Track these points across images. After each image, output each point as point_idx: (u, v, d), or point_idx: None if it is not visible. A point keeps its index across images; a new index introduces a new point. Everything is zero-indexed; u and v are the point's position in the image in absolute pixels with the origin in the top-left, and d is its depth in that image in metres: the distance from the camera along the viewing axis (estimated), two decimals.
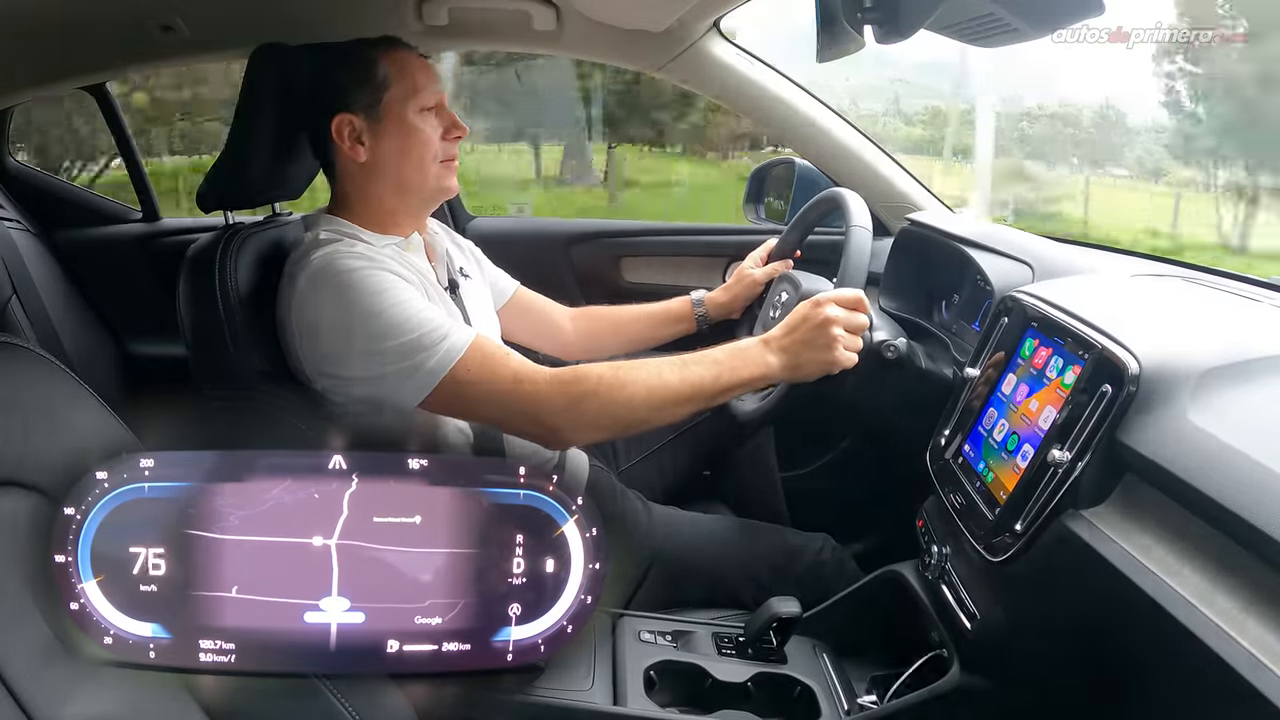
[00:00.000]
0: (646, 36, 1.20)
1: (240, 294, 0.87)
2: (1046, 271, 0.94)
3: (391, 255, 0.88)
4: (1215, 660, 0.49)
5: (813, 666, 0.88)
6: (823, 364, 0.84)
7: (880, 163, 1.35)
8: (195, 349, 0.88)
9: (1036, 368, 0.77)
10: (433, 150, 0.92)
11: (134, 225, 1.73)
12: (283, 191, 1.03)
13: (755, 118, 1.36)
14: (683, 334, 1.19)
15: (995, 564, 0.71)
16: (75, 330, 1.63)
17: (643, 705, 0.80)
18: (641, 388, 0.81)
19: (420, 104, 0.91)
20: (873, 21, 0.68)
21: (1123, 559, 0.58)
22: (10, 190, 1.68)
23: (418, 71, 0.92)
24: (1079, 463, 0.64)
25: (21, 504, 0.52)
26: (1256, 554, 0.50)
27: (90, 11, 1.03)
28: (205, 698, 0.56)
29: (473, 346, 0.81)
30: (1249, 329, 0.74)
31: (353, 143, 0.90)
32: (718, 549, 1.03)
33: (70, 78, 1.37)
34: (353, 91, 0.89)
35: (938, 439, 0.89)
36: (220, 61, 1.32)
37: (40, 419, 0.56)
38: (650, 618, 0.93)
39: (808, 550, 1.04)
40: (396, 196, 0.93)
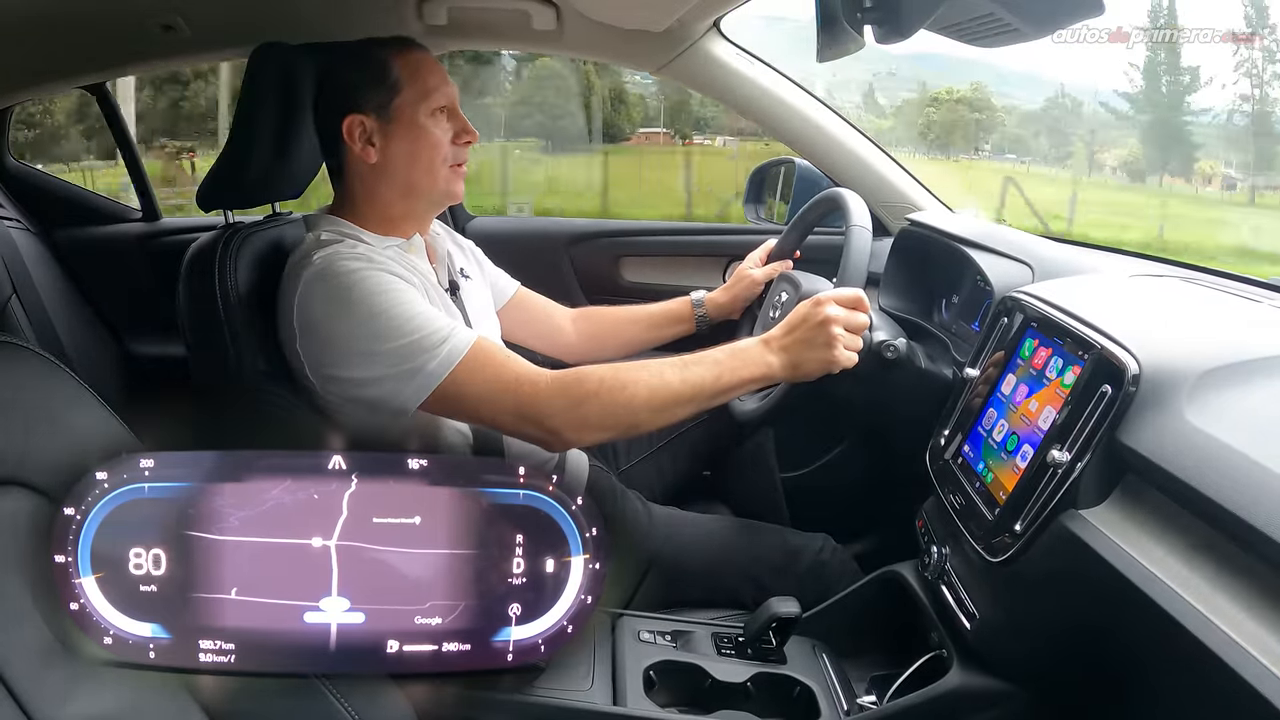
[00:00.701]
0: (646, 36, 1.20)
1: (240, 294, 0.87)
2: (1046, 272, 0.94)
3: (393, 257, 0.88)
4: (1214, 660, 0.49)
5: (812, 667, 0.88)
6: (823, 363, 0.84)
7: (880, 163, 1.35)
8: (195, 349, 0.88)
9: (1036, 368, 0.77)
10: (443, 154, 0.91)
11: (134, 225, 1.73)
12: (283, 191, 1.03)
13: (755, 118, 1.36)
14: (683, 334, 1.19)
15: (995, 564, 0.71)
16: (75, 330, 1.63)
17: (642, 705, 0.80)
18: (643, 389, 0.81)
19: (432, 106, 0.90)
20: (873, 21, 0.68)
21: (1122, 559, 0.58)
22: (10, 190, 1.68)
23: (430, 73, 0.91)
24: (1078, 463, 0.64)
25: (21, 504, 0.52)
26: (1256, 554, 0.50)
27: (90, 11, 1.03)
28: (205, 698, 0.56)
29: (474, 349, 0.81)
30: (1248, 329, 0.74)
31: (363, 143, 0.90)
32: (718, 549, 1.03)
33: (70, 78, 1.37)
34: (365, 92, 0.89)
35: (937, 439, 0.89)
36: (220, 61, 1.32)
37: (40, 419, 0.56)
38: (650, 618, 0.93)
39: (808, 550, 1.04)
40: (404, 199, 0.93)
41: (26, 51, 1.11)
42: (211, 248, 0.88)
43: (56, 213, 1.71)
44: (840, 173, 1.35)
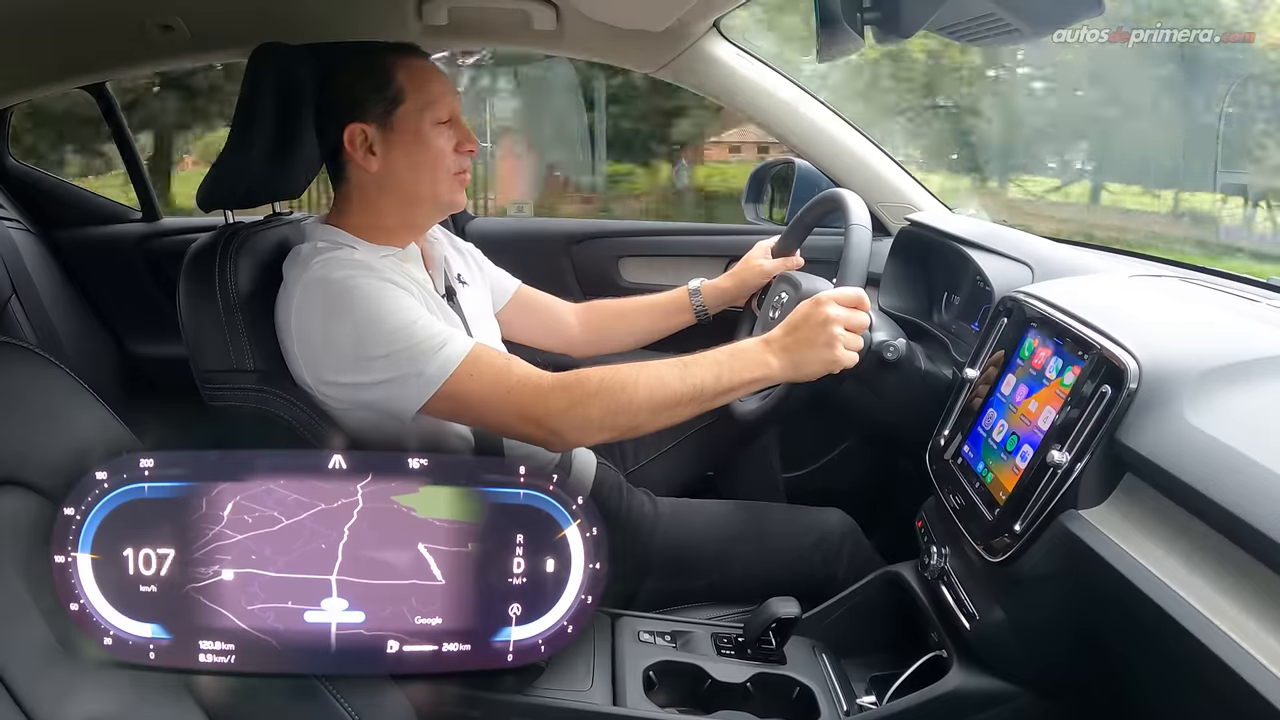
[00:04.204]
0: (646, 36, 1.20)
1: (240, 294, 0.87)
2: (1046, 272, 0.94)
3: (389, 265, 0.87)
4: (1214, 661, 0.49)
5: (812, 667, 0.88)
6: (823, 364, 0.84)
7: (880, 163, 1.35)
8: (195, 349, 0.88)
9: (1036, 368, 0.77)
10: (445, 163, 0.91)
11: (134, 225, 1.73)
12: (283, 191, 1.03)
13: (755, 118, 1.36)
14: (687, 324, 1.18)
15: (994, 564, 0.71)
16: (75, 330, 1.63)
17: (642, 706, 0.80)
18: (643, 390, 0.81)
19: (435, 117, 0.90)
20: (873, 21, 0.68)
21: (1121, 559, 0.58)
22: (10, 190, 1.68)
23: (433, 82, 0.91)
24: (1078, 463, 0.64)
25: (21, 504, 0.52)
26: (1255, 554, 0.50)
27: (90, 11, 1.03)
28: (205, 698, 0.56)
29: (472, 353, 0.81)
30: (1248, 329, 0.74)
31: (364, 152, 0.89)
32: (726, 532, 1.03)
33: (70, 78, 1.37)
34: (367, 101, 0.89)
35: (937, 439, 0.89)
36: (220, 61, 1.32)
37: (40, 419, 0.56)
38: (650, 618, 0.93)
39: (818, 525, 1.04)
40: (405, 208, 0.92)
41: (26, 51, 1.11)
42: (211, 248, 0.88)
43: (56, 213, 1.71)
44: (840, 173, 1.35)
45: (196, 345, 0.88)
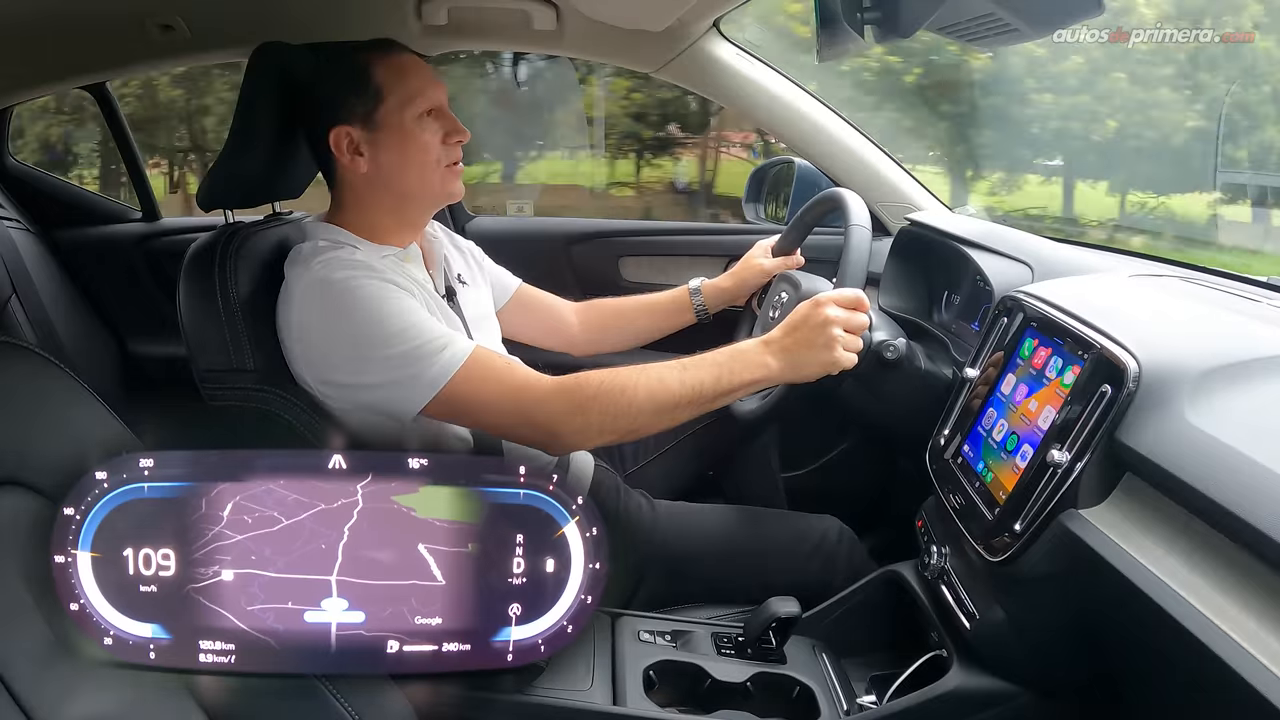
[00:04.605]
0: (646, 36, 1.20)
1: (240, 294, 0.87)
2: (1046, 272, 0.94)
3: (390, 265, 0.87)
4: (1214, 660, 0.49)
5: (812, 666, 0.88)
6: (823, 364, 0.84)
7: (880, 163, 1.35)
8: (195, 349, 0.88)
9: (1036, 368, 0.77)
10: (433, 156, 0.90)
11: (134, 225, 1.73)
12: (283, 190, 1.03)
13: (755, 117, 1.36)
14: (687, 324, 1.18)
15: (994, 564, 0.71)
16: (75, 330, 1.63)
17: (642, 705, 0.80)
18: (643, 392, 0.81)
19: (417, 110, 0.88)
20: (873, 21, 0.68)
21: (1121, 559, 0.58)
22: (10, 190, 1.68)
23: (413, 75, 0.89)
24: (1078, 463, 0.64)
25: (21, 504, 0.52)
26: (1255, 554, 0.50)
27: (90, 11, 1.03)
28: (205, 698, 0.56)
29: (472, 356, 0.81)
30: (1248, 329, 0.74)
31: (352, 154, 0.88)
32: (724, 537, 1.03)
33: (70, 78, 1.37)
34: (347, 103, 0.88)
35: (937, 439, 0.89)
36: (220, 61, 1.32)
37: (40, 419, 0.56)
38: (650, 617, 0.93)
39: (815, 532, 1.04)
40: (399, 205, 0.92)
41: (26, 51, 1.11)
42: (211, 248, 0.88)
43: (56, 213, 1.71)
44: (840, 173, 1.35)
45: (196, 345, 0.88)
